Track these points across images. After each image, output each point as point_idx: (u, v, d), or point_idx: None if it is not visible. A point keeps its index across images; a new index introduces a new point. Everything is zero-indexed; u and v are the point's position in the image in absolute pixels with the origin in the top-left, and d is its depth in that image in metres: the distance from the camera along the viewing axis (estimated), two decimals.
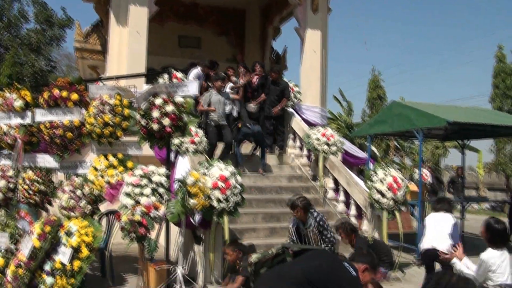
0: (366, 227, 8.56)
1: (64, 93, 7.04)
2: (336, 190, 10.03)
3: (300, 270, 3.25)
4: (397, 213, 8.16)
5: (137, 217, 6.02)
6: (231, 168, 7.05)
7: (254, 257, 4.07)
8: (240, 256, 6.23)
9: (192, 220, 6.80)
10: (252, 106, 10.91)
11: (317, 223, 6.88)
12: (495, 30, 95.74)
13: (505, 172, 23.33)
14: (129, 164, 6.84)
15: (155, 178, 6.39)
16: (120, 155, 6.94)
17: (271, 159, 10.73)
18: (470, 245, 11.20)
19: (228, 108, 10.55)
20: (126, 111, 6.96)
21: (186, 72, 10.75)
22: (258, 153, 10.48)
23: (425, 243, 6.74)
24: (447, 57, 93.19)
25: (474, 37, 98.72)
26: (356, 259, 3.80)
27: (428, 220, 7.02)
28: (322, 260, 3.44)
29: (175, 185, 6.65)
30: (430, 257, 6.64)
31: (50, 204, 7.35)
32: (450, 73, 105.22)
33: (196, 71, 10.82)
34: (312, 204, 7.40)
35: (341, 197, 9.46)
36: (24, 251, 6.29)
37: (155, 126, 6.64)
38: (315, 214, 6.98)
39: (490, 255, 4.74)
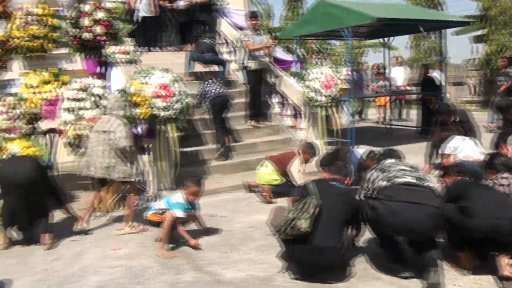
0: (303, 125, 8.88)
1: None
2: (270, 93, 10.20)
3: None
4: (334, 110, 8.50)
5: (83, 131, 5.85)
6: (170, 75, 6.83)
7: (305, 225, 3.81)
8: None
9: (135, 131, 6.69)
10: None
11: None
12: None
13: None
14: (65, 78, 6.51)
15: (96, 91, 6.16)
16: (54, 70, 6.56)
17: None
18: None
19: None
20: (52, 21, 6.51)
21: None
22: None
23: None
24: None
25: None
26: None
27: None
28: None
29: None
30: None
31: None
32: None
33: None
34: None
35: (277, 99, 9.69)
36: None
37: (87, 35, 6.29)
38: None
39: None
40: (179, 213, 4.72)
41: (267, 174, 6.67)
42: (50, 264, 4.62)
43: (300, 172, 6.56)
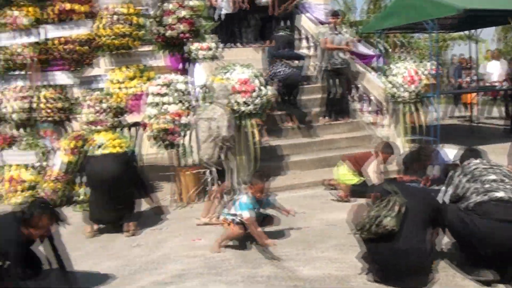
0: (385, 122, 8.64)
1: (72, 6, 6.79)
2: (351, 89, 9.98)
3: None
4: (418, 106, 8.18)
5: (167, 125, 6.05)
6: (251, 71, 6.87)
7: (392, 223, 3.73)
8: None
9: None
10: None
11: None
12: None
13: None
14: (150, 74, 6.76)
15: (179, 86, 6.34)
16: (140, 66, 6.85)
17: None
18: None
19: None
20: (137, 19, 6.78)
21: None
22: None
23: None
24: None
25: None
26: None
27: None
28: None
29: (197, 91, 6.64)
30: None
31: (69, 120, 7.37)
32: None
33: None
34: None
35: (357, 95, 9.49)
36: (55, 167, 6.41)
37: (171, 33, 6.47)
38: None
39: None
40: (246, 214, 4.59)
41: (344, 174, 6.56)
42: (131, 250, 4.82)
43: (377, 173, 6.36)
